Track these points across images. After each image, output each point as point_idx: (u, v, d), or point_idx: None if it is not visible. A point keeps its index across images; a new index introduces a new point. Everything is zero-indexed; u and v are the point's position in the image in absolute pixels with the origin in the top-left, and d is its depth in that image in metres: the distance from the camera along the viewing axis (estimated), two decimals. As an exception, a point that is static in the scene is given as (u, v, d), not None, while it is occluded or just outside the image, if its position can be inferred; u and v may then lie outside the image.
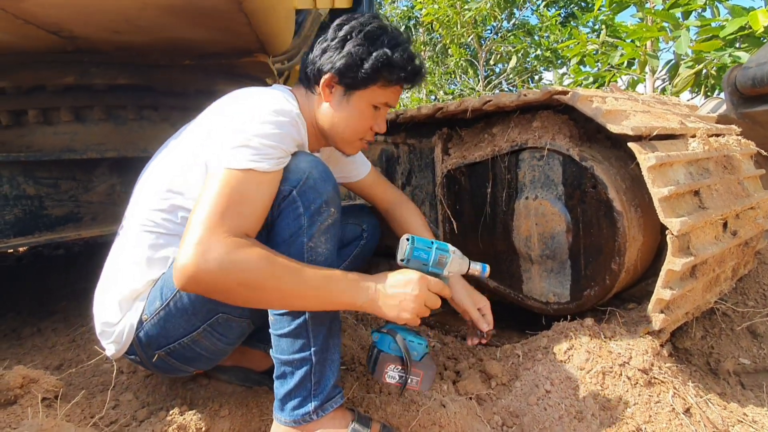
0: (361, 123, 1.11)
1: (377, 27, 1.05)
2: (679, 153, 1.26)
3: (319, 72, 1.06)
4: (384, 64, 1.04)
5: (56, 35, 1.49)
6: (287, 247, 0.92)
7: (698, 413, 1.08)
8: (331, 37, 1.06)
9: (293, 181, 0.93)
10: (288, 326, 0.97)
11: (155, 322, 0.99)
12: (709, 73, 3.28)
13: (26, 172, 1.56)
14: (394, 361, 0.97)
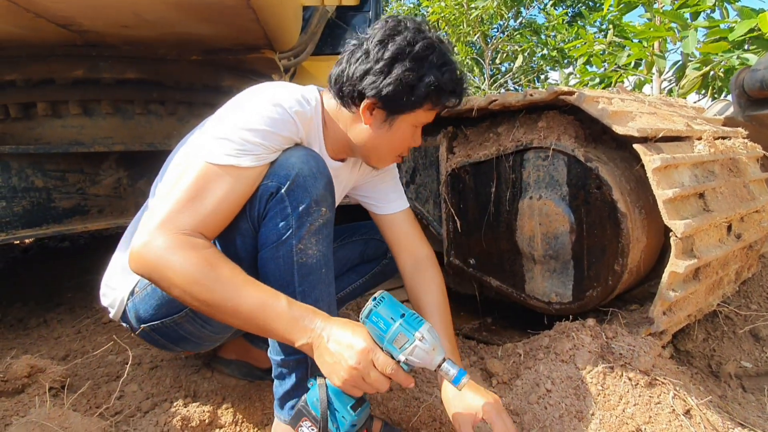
0: (401, 144, 1.04)
1: (426, 46, 0.93)
2: (685, 155, 1.26)
3: (360, 95, 0.95)
4: (434, 90, 0.95)
5: (66, 29, 1.50)
6: (275, 251, 0.88)
7: (698, 415, 1.08)
8: (375, 57, 0.92)
9: (281, 177, 0.87)
10: None
11: (143, 297, 0.99)
12: (716, 74, 3.26)
13: (35, 164, 1.57)
14: (313, 419, 0.81)
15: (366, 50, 0.94)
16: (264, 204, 0.87)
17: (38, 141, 1.78)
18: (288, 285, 0.89)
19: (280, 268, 0.89)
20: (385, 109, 0.97)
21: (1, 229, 1.49)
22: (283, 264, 0.89)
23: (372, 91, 0.93)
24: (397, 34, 0.93)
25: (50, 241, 2.98)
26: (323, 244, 0.92)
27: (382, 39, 0.93)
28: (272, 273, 0.90)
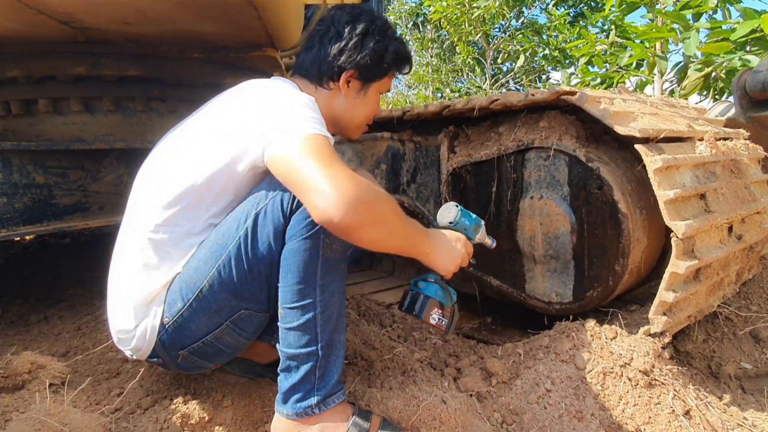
0: (373, 110, 1.23)
1: (384, 22, 1.16)
2: (686, 156, 1.26)
3: (339, 69, 1.11)
4: (398, 56, 1.16)
5: (68, 25, 1.50)
6: (303, 243, 0.95)
7: (698, 416, 1.08)
8: (347, 36, 1.10)
9: None
10: (297, 320, 0.97)
11: (179, 324, 0.99)
12: (718, 76, 3.26)
13: (36, 161, 1.57)
14: (439, 306, 1.11)
15: (337, 32, 1.11)
16: (295, 200, 0.92)
17: (39, 138, 1.78)
18: (311, 277, 0.95)
19: (306, 259, 0.94)
20: (360, 79, 1.14)
21: (2, 225, 1.49)
22: (309, 256, 0.94)
23: (350, 64, 1.11)
24: (359, 15, 1.13)
25: (51, 238, 2.98)
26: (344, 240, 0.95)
27: (349, 20, 1.11)
28: (297, 263, 0.94)
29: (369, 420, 1.05)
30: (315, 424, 1.01)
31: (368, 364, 1.32)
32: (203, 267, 0.97)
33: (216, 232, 0.99)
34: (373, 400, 1.19)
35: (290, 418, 1.00)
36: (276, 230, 0.95)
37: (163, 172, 1.02)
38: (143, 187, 1.05)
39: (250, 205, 0.96)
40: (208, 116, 1.05)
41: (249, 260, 0.96)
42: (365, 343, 1.45)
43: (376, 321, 1.76)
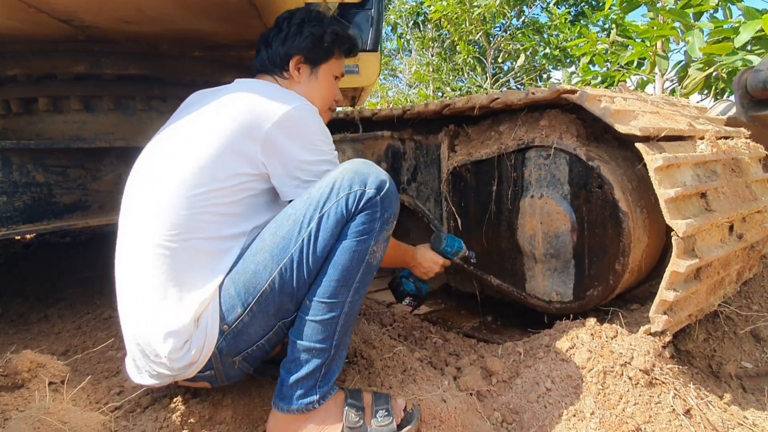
0: (329, 93, 1.29)
1: (319, 12, 1.28)
2: (687, 155, 1.25)
3: (287, 56, 1.21)
4: (338, 36, 1.26)
5: (67, 24, 1.50)
6: (356, 244, 0.99)
7: (698, 415, 1.08)
8: (286, 28, 1.22)
9: (380, 188, 0.99)
10: (322, 315, 0.99)
11: (239, 329, 0.98)
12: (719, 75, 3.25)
13: (36, 159, 1.57)
14: (411, 296, 1.52)
15: (278, 28, 1.24)
16: (360, 203, 0.98)
17: (39, 136, 1.78)
18: (350, 277, 1.00)
19: (353, 260, 0.99)
20: (308, 63, 1.24)
21: (2, 224, 1.49)
22: (356, 258, 0.99)
23: (294, 50, 1.21)
24: (296, 11, 1.26)
25: (51, 237, 2.98)
26: (384, 251, 1.05)
27: (286, 17, 1.25)
28: (342, 261, 0.98)
29: (361, 398, 1.08)
30: (314, 417, 1.02)
31: (368, 363, 1.31)
32: (263, 271, 0.97)
33: (272, 235, 0.98)
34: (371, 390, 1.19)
35: (291, 413, 1.01)
36: (338, 231, 0.98)
37: (178, 178, 0.98)
38: (150, 194, 1.00)
39: (312, 209, 0.98)
40: (211, 133, 1.02)
41: (310, 262, 0.97)
42: (365, 342, 1.45)
43: (376, 320, 1.76)
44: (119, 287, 1.02)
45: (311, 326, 1.00)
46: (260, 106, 1.02)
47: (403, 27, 8.87)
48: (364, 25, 2.89)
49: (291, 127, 1.02)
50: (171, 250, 0.95)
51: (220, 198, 0.98)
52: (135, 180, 1.08)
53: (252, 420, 1.13)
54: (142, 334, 0.96)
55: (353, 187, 0.98)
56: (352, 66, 2.89)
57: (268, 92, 1.06)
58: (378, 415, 1.05)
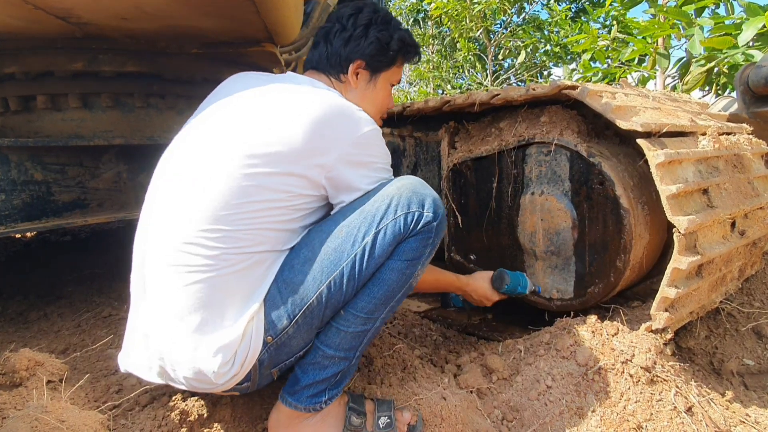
0: (384, 102, 1.23)
1: (386, 13, 1.18)
2: (689, 151, 1.24)
3: (348, 60, 1.13)
4: (404, 43, 1.18)
5: (65, 21, 1.49)
6: (405, 266, 0.98)
7: (700, 412, 1.07)
8: (351, 27, 1.13)
9: (437, 213, 0.98)
10: (355, 327, 0.99)
11: (282, 341, 0.95)
12: (721, 71, 3.23)
13: (34, 157, 1.56)
14: (456, 308, 1.67)
15: (341, 26, 1.14)
16: (417, 225, 0.96)
17: (38, 134, 1.77)
18: (392, 297, 0.99)
19: (398, 281, 0.98)
20: (368, 69, 1.16)
21: (1, 222, 1.48)
22: (402, 279, 0.99)
23: (356, 54, 1.13)
24: (362, 8, 1.15)
25: (51, 235, 2.98)
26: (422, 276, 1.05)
27: (351, 14, 1.14)
28: (389, 280, 0.98)
29: (363, 404, 1.09)
30: (317, 415, 1.03)
31: (368, 361, 1.31)
32: (312, 283, 0.93)
33: (323, 246, 0.95)
34: (372, 395, 1.19)
35: (296, 409, 1.01)
36: (392, 249, 0.97)
37: (212, 196, 0.90)
38: (184, 201, 0.91)
39: (368, 223, 0.95)
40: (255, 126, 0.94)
41: (361, 278, 0.95)
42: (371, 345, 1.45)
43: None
44: (141, 293, 0.95)
45: (341, 336, 0.99)
46: (327, 128, 0.94)
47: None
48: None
49: (358, 155, 0.98)
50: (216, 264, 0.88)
51: (277, 214, 0.93)
52: (172, 177, 0.97)
53: (251, 418, 1.13)
54: (175, 348, 0.88)
55: (411, 207, 0.96)
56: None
57: (333, 108, 0.97)
58: (379, 422, 1.05)
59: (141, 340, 0.95)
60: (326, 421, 1.05)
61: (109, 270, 2.22)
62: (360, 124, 0.99)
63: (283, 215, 0.94)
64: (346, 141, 0.96)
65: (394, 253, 0.97)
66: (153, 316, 0.92)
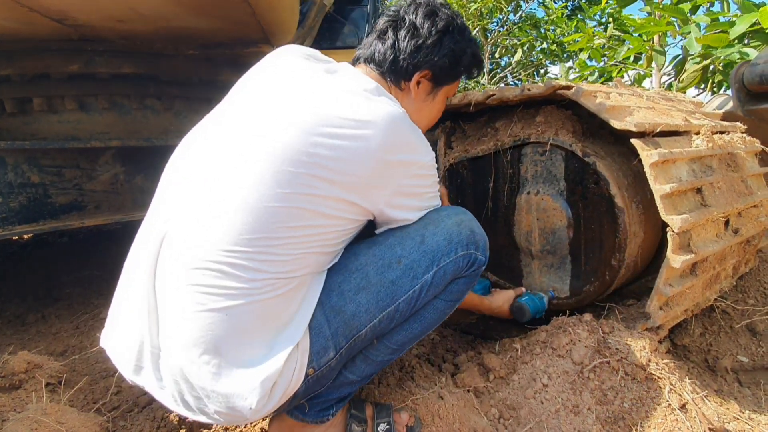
0: (438, 114, 1.15)
1: (463, 21, 1.07)
2: (682, 150, 1.25)
3: (415, 68, 1.01)
4: (474, 59, 1.09)
5: (61, 23, 1.49)
6: (447, 306, 0.99)
7: (694, 409, 1.08)
8: (426, 32, 0.99)
9: (486, 257, 0.99)
10: (383, 357, 0.99)
11: (324, 374, 0.87)
12: (716, 69, 3.24)
13: (31, 159, 1.57)
14: None
15: (414, 26, 0.99)
16: (470, 267, 0.96)
17: (34, 136, 1.77)
18: (424, 333, 1.00)
19: (437, 319, 1.00)
20: (432, 81, 1.05)
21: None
22: (440, 318, 1.00)
23: (426, 64, 1.00)
24: (438, 9, 1.02)
25: (49, 237, 2.98)
26: None
27: (427, 15, 1.00)
28: (429, 318, 0.98)
29: (363, 410, 1.08)
30: (320, 426, 1.02)
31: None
32: (364, 314, 0.87)
33: (379, 275, 0.88)
34: (371, 396, 1.20)
35: (302, 421, 0.99)
36: (444, 287, 0.97)
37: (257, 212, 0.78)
38: (222, 215, 0.78)
39: (428, 259, 0.90)
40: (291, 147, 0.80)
41: (409, 313, 0.93)
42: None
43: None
44: (153, 309, 0.81)
45: (367, 363, 0.97)
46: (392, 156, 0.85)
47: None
48: (360, 21, 2.88)
49: (414, 187, 0.92)
50: (252, 289, 0.77)
51: (323, 237, 0.84)
52: (200, 182, 0.84)
53: (250, 418, 1.14)
54: (204, 378, 0.76)
55: (470, 247, 0.94)
56: (349, 63, 2.88)
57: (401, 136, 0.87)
58: (379, 429, 1.05)
59: (150, 353, 0.81)
60: (329, 431, 1.04)
61: (107, 272, 2.22)
62: (422, 156, 0.91)
63: (329, 239, 0.85)
64: (406, 174, 0.89)
65: (442, 292, 0.97)
66: (175, 339, 0.78)
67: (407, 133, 0.89)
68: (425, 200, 0.97)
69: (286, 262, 0.79)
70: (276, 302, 0.79)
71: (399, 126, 0.87)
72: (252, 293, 0.77)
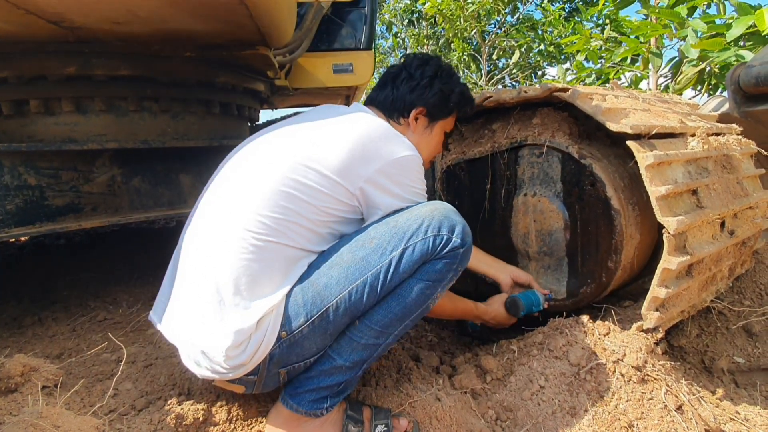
0: (437, 148, 1.31)
1: (450, 67, 1.28)
2: (678, 152, 1.26)
3: (411, 105, 1.21)
4: (463, 97, 1.27)
5: (57, 25, 1.49)
6: (425, 287, 1.01)
7: (690, 410, 1.09)
8: (418, 77, 1.21)
9: (465, 241, 1.01)
10: (367, 340, 1.01)
11: (295, 340, 0.96)
12: (712, 71, 3.26)
13: (27, 162, 1.56)
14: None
15: (409, 74, 1.22)
16: (445, 248, 0.99)
17: (31, 138, 1.77)
18: (408, 314, 1.01)
19: (417, 300, 1.01)
20: (428, 116, 1.23)
21: (-6, 227, 1.48)
22: (421, 299, 1.01)
23: (420, 101, 1.21)
24: (429, 60, 1.25)
25: (46, 239, 2.97)
26: (440, 300, 1.07)
27: (420, 65, 1.23)
28: (408, 297, 1.00)
29: (361, 412, 1.10)
30: (316, 420, 1.05)
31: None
32: (335, 286, 0.96)
33: (351, 253, 0.98)
34: (368, 398, 1.20)
35: (296, 412, 1.02)
36: (416, 268, 0.99)
37: (271, 193, 0.97)
38: (245, 190, 0.99)
39: (398, 238, 0.97)
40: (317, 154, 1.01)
41: (382, 290, 0.98)
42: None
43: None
44: (177, 279, 1.02)
45: (353, 346, 1.01)
46: (371, 143, 1.01)
47: (398, 25, 8.85)
48: (358, 23, 2.89)
49: (396, 175, 1.03)
50: (256, 249, 0.94)
51: (308, 213, 0.98)
52: (231, 176, 1.05)
53: (247, 421, 1.14)
54: (204, 330, 0.94)
55: (442, 230, 0.98)
56: (346, 65, 2.88)
57: (380, 130, 1.05)
58: (376, 430, 1.07)
59: (180, 323, 1.00)
60: (324, 427, 1.06)
61: (104, 274, 2.22)
62: (403, 148, 1.04)
63: (314, 215, 0.98)
64: (386, 159, 1.01)
65: (417, 272, 1.00)
66: (185, 308, 0.98)
67: (387, 130, 1.05)
68: (408, 193, 1.05)
69: (278, 231, 0.95)
70: (264, 266, 0.94)
71: (381, 125, 1.06)
72: (255, 252, 0.93)
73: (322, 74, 2.85)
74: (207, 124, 2.09)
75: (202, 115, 2.06)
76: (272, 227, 0.94)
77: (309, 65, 2.82)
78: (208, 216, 1.02)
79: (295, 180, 0.96)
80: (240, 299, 0.93)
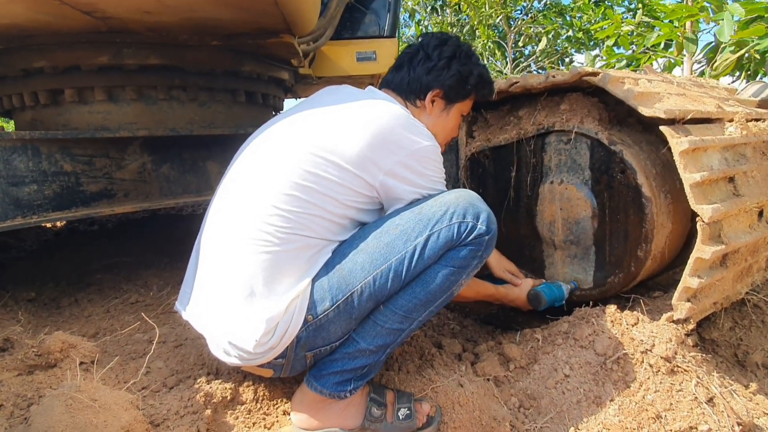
0: (453, 131, 1.28)
1: (469, 48, 1.24)
2: (714, 138, 1.21)
3: (428, 87, 1.18)
4: (481, 80, 1.23)
5: (90, 15, 1.53)
6: (450, 273, 1.01)
7: (722, 403, 1.06)
8: (435, 58, 1.18)
9: (490, 228, 1.01)
10: (391, 325, 1.02)
11: (321, 324, 0.98)
12: (752, 56, 3.11)
13: (63, 149, 1.62)
14: None
15: (426, 54, 1.18)
16: (470, 235, 0.99)
17: (66, 126, 1.83)
18: (432, 300, 1.02)
19: (441, 286, 1.01)
20: (445, 99, 1.20)
21: (33, 211, 1.55)
22: (445, 285, 1.01)
23: (437, 83, 1.17)
24: (447, 40, 1.21)
25: (80, 225, 3.08)
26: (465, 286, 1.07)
27: (437, 45, 1.19)
28: (432, 283, 1.00)
29: (384, 395, 1.11)
30: (340, 402, 1.07)
31: (386, 348, 1.33)
32: (359, 271, 0.97)
33: (376, 239, 0.99)
34: (391, 383, 1.21)
35: (320, 393, 1.04)
36: (441, 254, 0.99)
37: (289, 182, 0.97)
38: (263, 182, 0.99)
39: (423, 225, 0.98)
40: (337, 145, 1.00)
41: (407, 276, 0.99)
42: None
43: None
44: (200, 270, 1.04)
45: (377, 330, 1.02)
46: (390, 134, 1.00)
47: (421, 12, 8.73)
48: (382, 11, 2.86)
49: (416, 165, 1.02)
50: (280, 241, 0.95)
51: (330, 205, 0.98)
52: (246, 166, 1.06)
53: (273, 401, 1.17)
54: (235, 322, 0.96)
55: (467, 217, 0.99)
56: (370, 53, 2.87)
57: (399, 119, 1.03)
58: (399, 413, 1.08)
59: (205, 308, 1.02)
60: (348, 409, 1.08)
61: (135, 258, 2.29)
62: (421, 138, 1.03)
63: (333, 207, 0.99)
64: (406, 150, 1.01)
65: (442, 258, 1.00)
66: (218, 288, 0.99)
67: (406, 119, 1.04)
68: (427, 181, 1.05)
69: (300, 222, 0.96)
70: (289, 256, 0.96)
71: (399, 114, 1.04)
72: (274, 245, 0.95)
73: (346, 62, 2.85)
74: (233, 113, 2.12)
75: (228, 104, 2.09)
76: (294, 220, 0.96)
77: (332, 53, 2.82)
78: (227, 210, 1.03)
79: (314, 174, 0.97)
80: (269, 290, 0.95)
